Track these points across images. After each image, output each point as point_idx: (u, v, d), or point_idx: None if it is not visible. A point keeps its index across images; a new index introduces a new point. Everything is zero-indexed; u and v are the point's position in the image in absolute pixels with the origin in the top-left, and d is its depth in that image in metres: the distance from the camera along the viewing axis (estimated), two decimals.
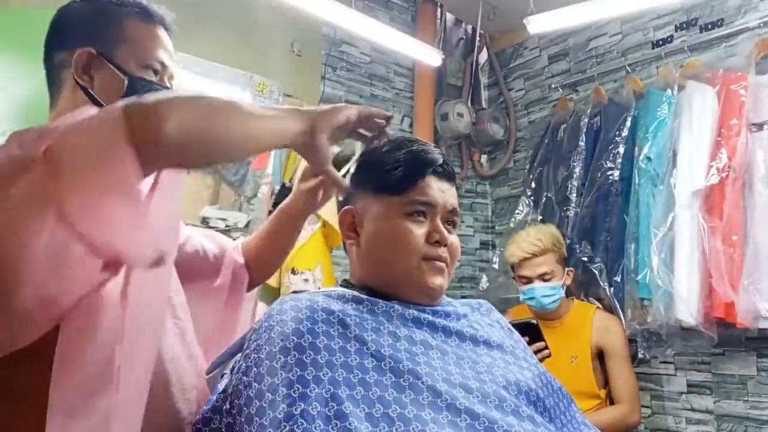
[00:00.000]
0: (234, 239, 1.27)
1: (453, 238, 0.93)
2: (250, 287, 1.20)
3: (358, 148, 1.01)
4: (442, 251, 0.91)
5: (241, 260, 1.18)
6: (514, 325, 1.58)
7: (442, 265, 0.91)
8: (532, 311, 2.17)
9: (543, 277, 2.10)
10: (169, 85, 0.95)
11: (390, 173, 0.91)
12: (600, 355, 2.16)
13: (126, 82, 0.89)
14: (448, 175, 0.94)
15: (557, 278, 2.12)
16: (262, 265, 1.21)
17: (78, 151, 0.64)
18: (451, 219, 0.94)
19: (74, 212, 0.62)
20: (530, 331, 1.64)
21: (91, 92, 0.88)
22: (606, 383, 2.16)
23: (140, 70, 0.91)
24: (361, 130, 0.92)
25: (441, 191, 0.92)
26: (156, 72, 0.93)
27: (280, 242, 1.21)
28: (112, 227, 0.64)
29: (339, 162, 0.96)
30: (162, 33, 0.96)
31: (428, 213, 0.91)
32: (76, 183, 0.62)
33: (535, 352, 1.57)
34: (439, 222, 0.91)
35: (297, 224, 1.18)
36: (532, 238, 2.13)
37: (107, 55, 0.89)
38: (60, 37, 0.92)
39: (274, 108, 0.81)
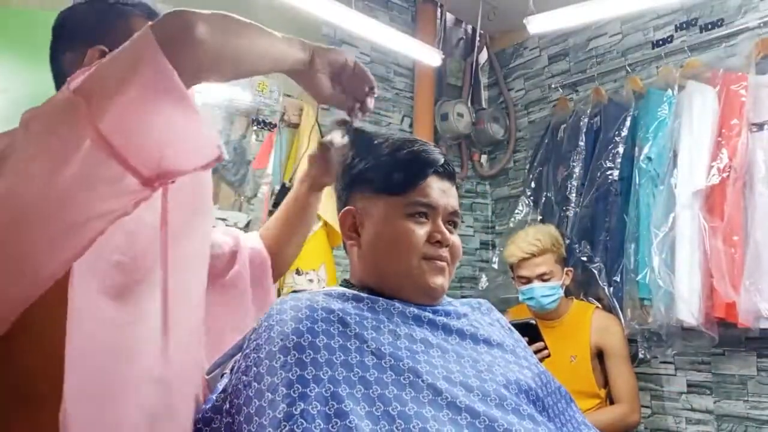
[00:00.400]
0: None
1: (454, 239, 0.93)
2: (274, 278, 1.19)
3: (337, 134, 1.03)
4: (443, 251, 0.91)
5: (263, 249, 1.17)
6: (513, 326, 1.60)
7: (443, 264, 0.91)
8: (531, 311, 2.17)
9: (542, 278, 2.10)
10: None
11: (391, 174, 0.90)
12: (599, 355, 2.16)
13: None
14: (449, 175, 0.94)
15: (556, 278, 2.12)
16: (282, 254, 1.20)
17: (108, 71, 0.64)
18: (452, 220, 0.94)
19: (113, 129, 0.60)
20: (529, 332, 1.64)
21: None
22: (606, 383, 2.16)
23: None
24: (349, 91, 0.94)
25: (442, 191, 0.92)
26: None
27: (295, 228, 1.20)
28: (160, 130, 0.63)
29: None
30: None
31: (429, 214, 0.91)
32: (110, 100, 0.61)
33: (535, 353, 1.58)
34: (440, 223, 0.91)
35: (306, 209, 1.18)
36: (531, 238, 2.13)
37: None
38: (67, 39, 0.92)
39: (281, 34, 0.84)
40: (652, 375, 2.43)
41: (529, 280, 2.12)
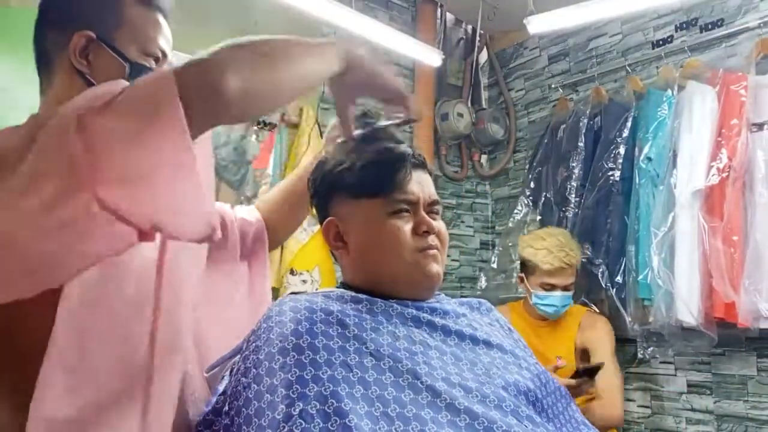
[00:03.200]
0: None
1: (439, 225, 0.93)
2: (271, 246, 1.17)
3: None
4: (432, 239, 0.90)
5: (259, 219, 1.14)
6: (586, 369, 1.77)
7: (435, 252, 0.91)
8: (539, 313, 2.15)
9: (567, 288, 2.10)
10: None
11: (364, 177, 0.89)
12: (585, 356, 2.14)
13: (128, 68, 0.85)
14: (421, 165, 0.94)
15: (573, 287, 2.12)
16: (281, 223, 1.18)
17: (121, 117, 0.59)
18: (433, 209, 0.93)
19: (114, 193, 0.57)
20: (593, 372, 1.76)
21: (89, 78, 0.83)
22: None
23: (141, 56, 0.87)
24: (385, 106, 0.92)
25: (419, 183, 0.91)
26: (157, 60, 0.89)
27: (294, 206, 1.17)
28: (162, 202, 0.60)
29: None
30: (162, 20, 0.91)
31: (411, 208, 0.90)
32: (116, 159, 0.58)
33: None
34: (423, 214, 0.91)
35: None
36: (567, 249, 2.09)
37: (107, 40, 0.84)
38: (54, 17, 0.86)
39: (311, 43, 0.77)
40: (652, 375, 2.43)
41: (554, 288, 2.11)
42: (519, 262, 2.24)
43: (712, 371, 2.28)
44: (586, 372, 1.75)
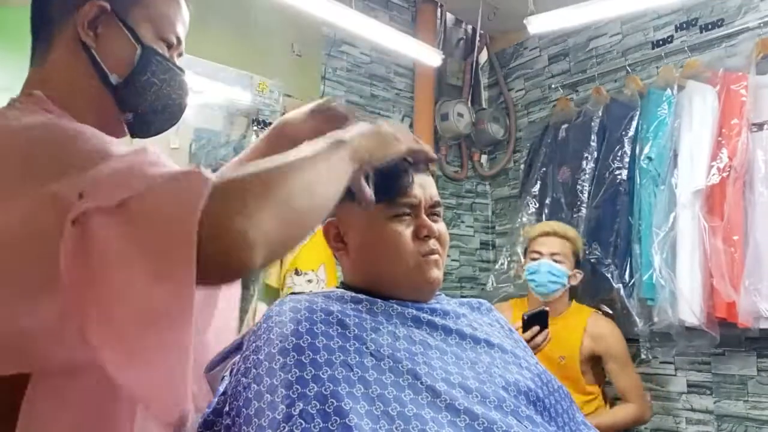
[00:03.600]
0: None
1: (440, 227, 0.92)
2: None
3: None
4: (433, 243, 0.90)
5: None
6: (528, 317, 1.63)
7: (436, 257, 0.90)
8: (533, 296, 2.16)
9: (554, 257, 2.11)
10: (177, 64, 0.83)
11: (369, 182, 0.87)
12: (593, 359, 2.15)
13: (139, 51, 0.77)
14: (423, 168, 0.93)
15: (566, 267, 2.12)
16: None
17: (132, 236, 0.52)
18: (434, 211, 0.93)
19: (99, 336, 0.52)
20: (542, 320, 1.67)
21: (94, 53, 0.76)
22: (600, 382, 2.15)
23: (155, 40, 0.79)
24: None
25: (421, 186, 0.91)
26: (170, 47, 0.82)
27: None
28: (150, 377, 0.52)
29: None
30: (183, 3, 0.84)
31: (412, 210, 0.90)
32: (113, 294, 0.51)
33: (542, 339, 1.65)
34: (424, 217, 0.90)
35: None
36: (556, 224, 2.19)
37: (121, 14, 0.76)
38: None
39: (322, 151, 0.68)
40: (653, 375, 2.43)
41: (541, 256, 2.12)
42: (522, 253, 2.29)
43: (712, 371, 2.28)
44: (533, 320, 1.66)
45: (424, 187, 0.91)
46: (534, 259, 2.14)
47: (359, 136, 0.75)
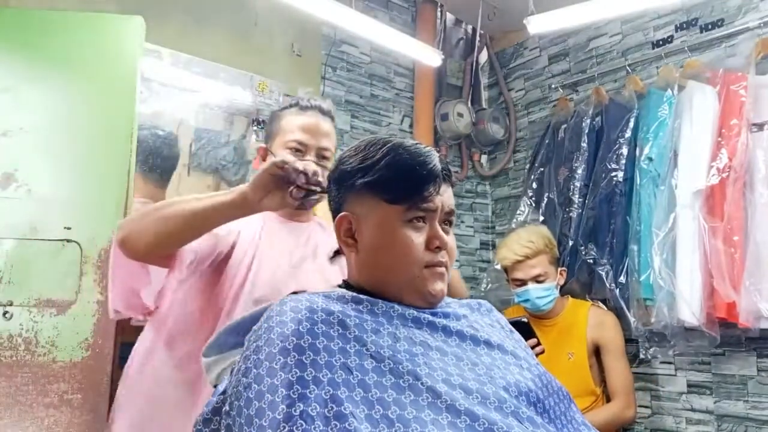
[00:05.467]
0: None
1: (450, 239, 0.92)
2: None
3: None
4: (442, 256, 0.90)
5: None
6: (513, 325, 1.60)
7: (443, 269, 0.91)
8: (527, 312, 2.17)
9: (537, 279, 2.09)
10: (311, 158, 1.26)
11: (391, 184, 0.88)
12: (597, 352, 2.16)
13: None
14: (447, 177, 0.93)
15: (550, 279, 2.11)
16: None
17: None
18: (448, 219, 0.93)
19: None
20: (521, 330, 1.64)
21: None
22: (602, 381, 2.16)
23: (282, 150, 1.26)
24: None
25: (441, 195, 0.91)
26: (298, 150, 1.25)
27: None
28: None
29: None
30: (310, 118, 1.28)
31: (428, 217, 0.90)
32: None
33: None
34: (437, 226, 0.90)
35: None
36: (524, 241, 2.11)
37: (270, 148, 1.32)
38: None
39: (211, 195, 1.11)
40: (652, 375, 2.43)
41: (524, 283, 2.11)
42: None
43: (712, 371, 2.28)
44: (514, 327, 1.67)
45: (443, 196, 0.91)
46: (518, 286, 2.13)
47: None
